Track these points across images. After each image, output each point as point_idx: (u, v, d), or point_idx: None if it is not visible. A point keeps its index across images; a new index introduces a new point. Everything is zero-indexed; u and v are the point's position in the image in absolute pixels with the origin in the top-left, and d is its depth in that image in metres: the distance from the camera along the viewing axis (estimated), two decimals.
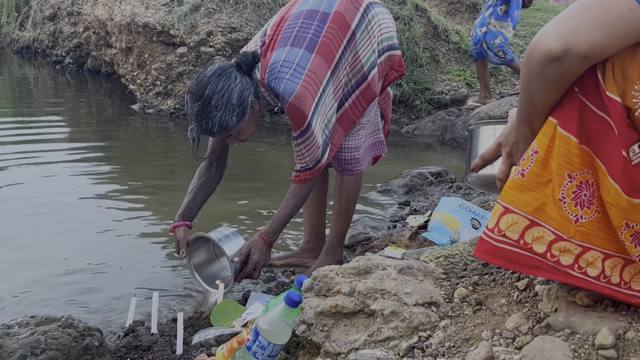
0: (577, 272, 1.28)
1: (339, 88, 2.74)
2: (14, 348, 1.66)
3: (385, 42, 2.81)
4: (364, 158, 2.98)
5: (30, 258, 3.22)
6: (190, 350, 2.24)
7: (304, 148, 2.67)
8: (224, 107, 2.51)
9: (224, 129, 2.55)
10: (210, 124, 2.53)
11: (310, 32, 2.69)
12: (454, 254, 1.89)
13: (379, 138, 3.05)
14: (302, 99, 2.57)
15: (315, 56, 2.64)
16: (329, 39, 2.68)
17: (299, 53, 2.64)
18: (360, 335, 1.53)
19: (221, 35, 6.56)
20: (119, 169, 5.24)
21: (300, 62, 2.62)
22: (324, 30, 2.69)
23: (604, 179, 1.23)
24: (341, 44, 2.71)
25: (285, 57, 2.63)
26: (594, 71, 1.22)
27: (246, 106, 2.55)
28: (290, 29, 2.71)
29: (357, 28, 2.75)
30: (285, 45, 2.67)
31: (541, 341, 1.28)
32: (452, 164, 5.35)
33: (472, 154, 1.69)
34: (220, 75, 2.53)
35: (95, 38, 8.28)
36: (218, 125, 2.53)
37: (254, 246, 2.75)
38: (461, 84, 7.17)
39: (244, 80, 2.55)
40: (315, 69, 2.63)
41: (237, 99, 2.52)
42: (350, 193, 2.96)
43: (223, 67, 2.58)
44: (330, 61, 2.67)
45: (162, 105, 6.99)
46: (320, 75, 2.64)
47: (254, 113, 2.63)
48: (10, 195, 4.17)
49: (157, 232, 3.60)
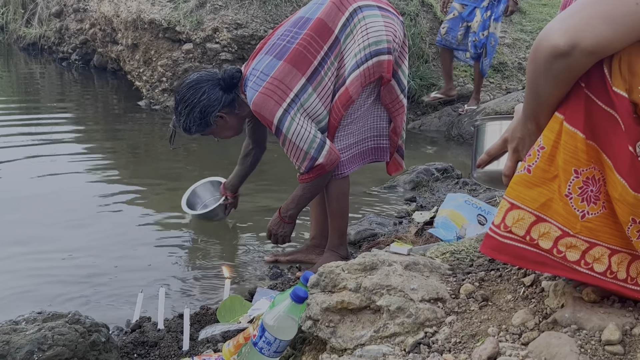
0: (583, 268, 1.28)
1: (326, 95, 2.80)
2: (22, 344, 1.67)
3: (372, 46, 2.76)
4: (351, 162, 2.97)
5: (35, 253, 3.23)
6: (196, 346, 2.25)
7: (286, 149, 2.85)
8: (186, 116, 2.90)
9: (187, 132, 2.98)
10: (178, 123, 2.97)
11: (286, 40, 2.81)
12: (460, 250, 1.89)
13: (381, 144, 3.03)
14: (261, 105, 2.76)
15: (283, 64, 2.77)
16: (302, 46, 2.76)
17: (266, 61, 2.81)
18: (366, 331, 1.53)
19: (227, 32, 6.55)
20: (125, 165, 5.25)
21: (265, 70, 2.78)
22: (300, 37, 2.78)
23: (611, 175, 1.23)
24: (320, 51, 2.77)
25: (255, 66, 2.84)
26: (600, 66, 1.22)
27: (208, 120, 2.88)
28: (275, 37, 2.87)
29: (341, 32, 2.79)
30: (263, 53, 2.85)
31: (547, 337, 1.28)
32: (458, 160, 5.33)
33: (478, 150, 1.68)
34: (191, 87, 2.87)
35: (101, 35, 8.29)
36: (183, 127, 2.96)
37: (272, 218, 3.10)
38: (467, 80, 7.15)
39: (213, 96, 2.85)
40: (281, 76, 2.75)
41: (198, 113, 2.87)
42: (339, 194, 2.97)
43: (200, 79, 2.90)
44: (304, 68, 2.76)
45: (168, 102, 6.99)
46: (287, 81, 2.75)
47: (227, 122, 2.93)
48: (16, 191, 4.19)
49: (163, 228, 3.61)
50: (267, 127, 2.89)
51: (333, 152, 2.80)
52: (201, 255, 3.32)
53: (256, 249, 3.36)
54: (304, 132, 2.75)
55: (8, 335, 1.70)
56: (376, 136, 3.01)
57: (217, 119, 2.89)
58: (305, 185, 2.92)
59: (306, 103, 2.76)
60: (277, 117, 2.75)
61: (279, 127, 2.76)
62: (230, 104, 2.89)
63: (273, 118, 2.75)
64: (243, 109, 2.92)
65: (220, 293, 2.76)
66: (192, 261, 3.25)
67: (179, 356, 2.20)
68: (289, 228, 3.06)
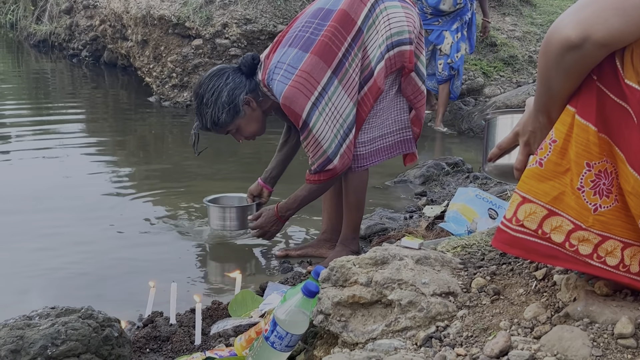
0: (596, 262, 1.27)
1: (351, 86, 2.75)
2: (35, 339, 1.68)
3: (395, 36, 2.76)
4: (373, 155, 2.95)
5: (47, 249, 3.25)
6: (208, 341, 2.26)
7: (307, 144, 2.78)
8: (213, 105, 2.79)
9: (217, 125, 2.85)
10: (204, 120, 2.86)
11: (309, 32, 2.76)
12: (471, 244, 1.89)
13: (407, 136, 3.02)
14: (291, 99, 2.70)
15: (310, 56, 2.72)
16: (327, 37, 2.72)
17: (292, 53, 2.75)
18: (377, 325, 1.53)
19: (236, 27, 6.55)
20: (135, 161, 5.27)
21: (292, 62, 2.73)
22: (324, 29, 2.74)
23: (623, 168, 1.22)
24: (344, 42, 2.73)
25: (280, 58, 2.77)
26: (612, 59, 1.21)
27: (237, 103, 2.79)
28: (295, 29, 2.81)
29: (364, 24, 2.75)
30: (285, 45, 2.79)
31: (560, 331, 1.27)
32: (469, 154, 5.32)
33: (489, 144, 1.68)
34: (214, 75, 2.82)
35: (111, 31, 8.31)
36: (210, 121, 2.84)
37: (265, 213, 3.04)
38: (477, 73, 7.12)
39: (237, 79, 2.80)
40: (309, 69, 2.70)
41: (226, 97, 2.78)
42: (357, 187, 2.96)
43: (221, 68, 2.86)
44: (330, 60, 2.72)
45: (178, 98, 7.01)
46: (315, 74, 2.70)
47: (254, 111, 2.86)
48: (26, 187, 4.21)
49: (175, 223, 3.62)
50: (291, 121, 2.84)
51: (346, 156, 2.78)
52: (212, 251, 3.33)
53: (266, 244, 3.36)
54: (328, 129, 2.72)
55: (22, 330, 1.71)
56: (401, 129, 2.99)
57: (244, 105, 2.82)
58: (311, 186, 2.90)
59: (333, 96, 2.72)
60: (306, 110, 2.70)
61: (306, 122, 2.71)
62: (254, 90, 2.84)
63: (302, 112, 2.70)
64: (266, 100, 2.88)
65: (231, 288, 2.77)
66: (203, 256, 3.26)
67: (191, 350, 2.21)
68: (281, 226, 3.07)
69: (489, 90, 6.94)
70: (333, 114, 2.73)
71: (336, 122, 2.74)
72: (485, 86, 7.05)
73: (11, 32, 12.13)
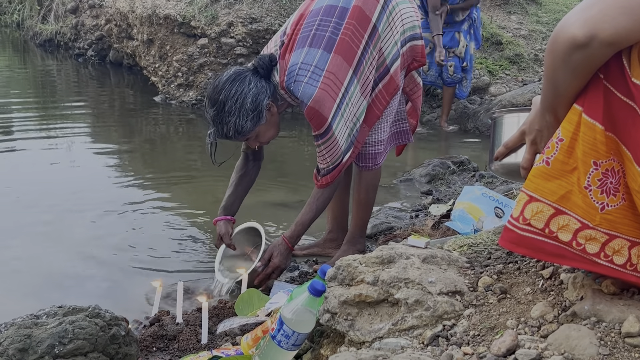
0: (603, 260, 1.27)
1: (366, 84, 2.70)
2: (43, 338, 1.69)
3: (407, 32, 2.77)
4: (385, 151, 2.97)
5: (53, 247, 3.26)
6: (215, 340, 2.26)
7: (324, 149, 2.67)
8: (237, 112, 2.56)
9: (240, 133, 2.61)
10: (226, 129, 2.60)
11: (328, 30, 2.65)
12: (478, 243, 1.89)
13: (404, 127, 3.03)
14: (321, 102, 2.57)
15: (334, 56, 2.61)
16: (347, 36, 2.63)
17: (317, 54, 2.62)
18: (384, 324, 1.53)
19: (242, 26, 6.56)
20: (141, 160, 5.28)
21: (319, 64, 2.60)
22: (343, 27, 2.64)
23: (630, 166, 1.22)
24: (362, 40, 2.66)
25: (303, 59, 2.62)
26: (619, 57, 1.21)
27: (261, 110, 2.59)
28: (308, 27, 2.68)
29: (379, 21, 2.69)
30: (304, 45, 2.65)
31: (567, 329, 1.27)
32: (475, 153, 5.31)
33: (495, 143, 1.68)
34: (234, 80, 2.58)
35: (116, 30, 8.33)
36: (233, 130, 2.59)
37: (276, 249, 2.79)
38: (483, 72, 7.11)
39: (259, 84, 2.59)
40: (334, 69, 2.60)
41: (250, 103, 2.56)
42: (370, 185, 2.96)
43: (238, 71, 2.62)
44: (351, 59, 2.63)
45: (184, 97, 7.03)
46: (340, 75, 2.61)
47: (273, 116, 2.68)
48: (33, 185, 4.22)
49: (180, 223, 3.63)
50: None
51: (354, 153, 2.77)
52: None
53: None
54: (346, 129, 2.67)
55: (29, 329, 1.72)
56: (398, 120, 3.00)
57: (267, 111, 2.63)
58: (317, 205, 2.80)
59: (353, 96, 2.65)
60: (332, 113, 2.60)
61: (330, 125, 2.61)
62: (273, 94, 2.67)
63: (329, 115, 2.59)
64: (284, 103, 2.77)
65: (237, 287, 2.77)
66: (209, 255, 3.26)
67: (197, 349, 2.21)
68: (291, 258, 2.89)
69: (495, 89, 6.93)
70: (350, 114, 2.67)
71: (351, 122, 2.69)
72: (491, 85, 7.04)
73: (17, 31, 12.16)
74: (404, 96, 2.97)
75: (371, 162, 2.91)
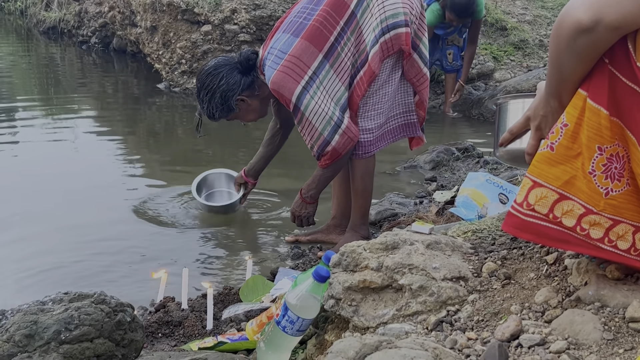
0: (607, 246, 1.27)
1: (343, 70, 2.78)
2: (49, 324, 1.69)
3: (389, 19, 2.73)
4: (380, 141, 2.96)
5: (56, 235, 3.27)
6: (220, 325, 2.28)
7: (301, 128, 2.83)
8: (208, 103, 2.93)
9: (213, 118, 3.01)
10: (203, 110, 3.01)
11: (302, 17, 2.78)
12: (482, 229, 1.89)
13: (411, 119, 3.02)
14: (280, 83, 2.74)
15: (300, 40, 2.75)
16: (318, 22, 2.74)
17: (284, 38, 2.79)
18: (388, 309, 1.54)
19: (245, 13, 6.53)
20: (145, 148, 5.29)
21: (283, 48, 2.77)
22: (316, 14, 2.75)
23: (635, 151, 1.22)
24: (336, 26, 2.74)
25: (272, 44, 2.82)
26: (624, 42, 1.20)
27: (230, 104, 2.91)
28: (291, 15, 2.85)
29: (357, 7, 2.76)
30: (280, 32, 2.83)
31: (571, 314, 1.27)
32: (479, 139, 5.30)
33: (500, 129, 1.67)
34: (210, 74, 2.91)
35: (120, 17, 8.30)
36: (207, 114, 2.99)
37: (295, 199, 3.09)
38: (487, 58, 7.07)
39: (232, 80, 2.88)
40: (298, 53, 2.74)
41: (219, 98, 2.90)
42: (364, 173, 2.96)
43: (217, 64, 2.94)
44: (321, 44, 2.74)
45: (188, 84, 7.01)
46: (305, 58, 2.73)
47: (250, 105, 2.95)
48: (37, 173, 4.23)
49: (185, 210, 3.63)
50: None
51: (346, 135, 2.77)
52: (223, 236, 3.34)
53: (277, 230, 3.37)
54: (322, 111, 2.73)
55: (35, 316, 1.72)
56: (405, 112, 3.00)
57: (238, 102, 2.90)
58: (321, 173, 2.94)
59: (325, 80, 2.74)
60: (295, 94, 2.72)
61: (297, 106, 2.74)
62: (250, 87, 2.90)
63: (292, 96, 2.73)
64: (263, 89, 2.91)
65: (242, 273, 2.78)
66: (214, 242, 3.27)
67: (203, 335, 2.23)
68: (311, 209, 3.06)
69: (500, 75, 6.89)
70: (325, 97, 2.74)
71: (329, 104, 2.75)
72: (496, 71, 7.00)
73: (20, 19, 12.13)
74: (411, 87, 2.95)
75: (361, 150, 2.90)
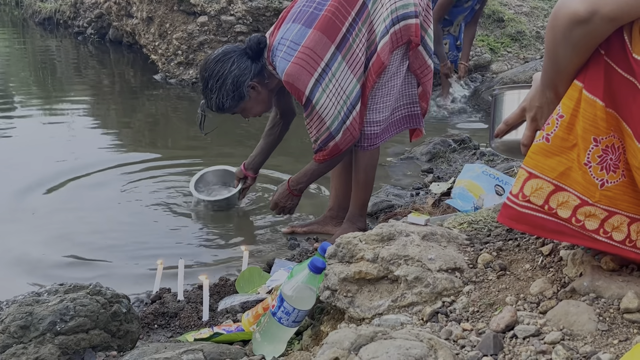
0: (602, 237, 1.28)
1: (355, 61, 2.73)
2: (44, 315, 1.69)
3: (400, 10, 2.72)
4: (385, 133, 2.95)
5: (54, 227, 3.27)
6: (216, 317, 2.28)
7: (309, 121, 2.78)
8: (218, 91, 2.80)
9: (222, 109, 2.87)
10: (210, 103, 2.88)
11: (312, 7, 2.73)
12: (478, 220, 1.89)
13: (415, 111, 3.01)
14: (295, 76, 2.68)
15: (314, 31, 2.69)
16: (331, 12, 2.69)
17: (295, 29, 2.72)
18: (384, 300, 1.54)
19: (242, 4, 6.51)
20: (141, 139, 5.28)
21: (295, 39, 2.70)
22: (328, 4, 2.71)
23: (630, 143, 1.22)
24: (348, 17, 2.70)
25: (283, 35, 2.74)
26: (620, 33, 1.20)
27: (242, 90, 2.79)
28: (299, 5, 2.78)
29: None
30: (289, 21, 2.76)
31: (566, 305, 1.28)
32: (476, 131, 5.30)
33: (496, 120, 1.67)
34: (219, 60, 2.80)
35: (116, 8, 8.27)
36: (215, 105, 2.86)
37: (279, 188, 3.08)
38: (484, 49, 7.07)
39: (243, 65, 2.77)
40: (312, 44, 2.68)
41: (231, 84, 2.78)
42: (368, 165, 2.95)
43: (226, 51, 2.83)
44: (333, 35, 2.69)
45: (184, 75, 6.99)
46: (319, 50, 2.68)
47: (259, 94, 2.85)
48: (32, 166, 4.21)
49: (181, 202, 3.63)
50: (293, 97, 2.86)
51: (349, 132, 2.76)
52: (219, 228, 3.34)
53: (273, 221, 3.37)
54: (332, 105, 2.70)
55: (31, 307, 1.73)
56: (408, 104, 2.99)
57: (249, 89, 2.81)
58: (314, 168, 2.92)
59: (337, 72, 2.69)
60: (309, 87, 2.67)
61: (309, 98, 2.69)
62: (260, 73, 2.82)
63: (305, 89, 2.68)
64: (272, 80, 2.85)
65: (238, 264, 2.78)
66: (210, 233, 3.27)
67: (199, 326, 2.23)
68: (297, 201, 3.06)
69: (496, 67, 6.89)
70: (337, 90, 2.70)
71: (340, 98, 2.71)
72: (492, 62, 7.00)
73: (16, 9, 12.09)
74: (414, 78, 2.94)
75: (367, 142, 2.89)
